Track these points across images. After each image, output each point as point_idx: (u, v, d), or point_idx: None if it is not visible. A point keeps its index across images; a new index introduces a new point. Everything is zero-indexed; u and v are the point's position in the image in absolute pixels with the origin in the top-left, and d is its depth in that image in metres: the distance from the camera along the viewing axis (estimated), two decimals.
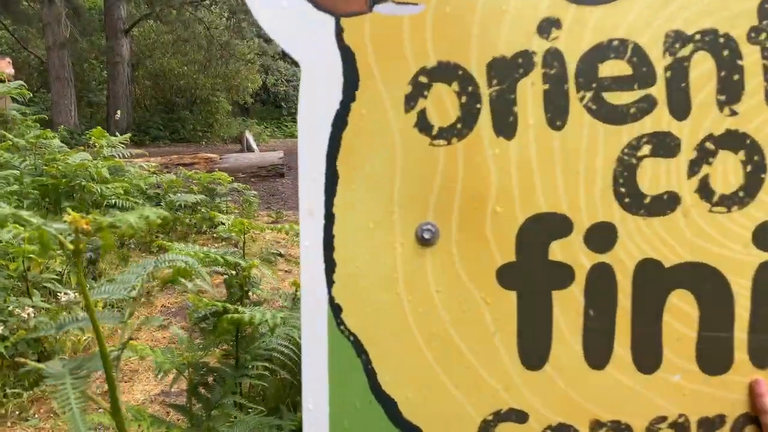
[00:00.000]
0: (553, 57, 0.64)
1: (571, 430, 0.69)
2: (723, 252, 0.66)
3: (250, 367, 1.95)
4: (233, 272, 2.01)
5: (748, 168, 0.65)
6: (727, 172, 0.65)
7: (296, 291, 2.43)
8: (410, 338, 0.68)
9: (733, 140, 0.64)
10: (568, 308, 0.67)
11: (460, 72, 0.65)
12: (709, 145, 0.65)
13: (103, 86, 19.67)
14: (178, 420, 2.24)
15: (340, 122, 0.67)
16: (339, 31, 0.65)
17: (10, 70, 11.52)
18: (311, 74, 0.67)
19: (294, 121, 25.48)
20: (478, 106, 0.65)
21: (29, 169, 4.05)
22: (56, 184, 3.72)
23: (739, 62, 0.63)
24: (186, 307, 3.69)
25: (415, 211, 0.67)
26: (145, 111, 18.65)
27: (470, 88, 0.65)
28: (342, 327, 0.68)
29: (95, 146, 4.88)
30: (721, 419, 0.68)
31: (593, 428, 0.69)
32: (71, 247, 0.78)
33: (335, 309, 0.68)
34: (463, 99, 0.65)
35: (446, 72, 0.65)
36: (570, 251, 0.66)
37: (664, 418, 0.68)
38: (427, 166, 0.67)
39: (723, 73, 0.64)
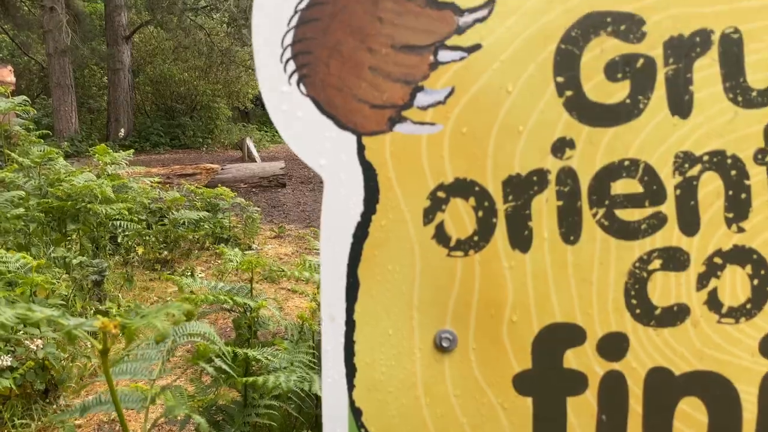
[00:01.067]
0: (567, 175, 0.67)
1: None
2: (731, 360, 0.68)
3: (257, 405, 1.97)
4: (242, 311, 2.04)
5: (755, 281, 0.67)
6: (735, 285, 0.67)
7: (302, 323, 2.45)
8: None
9: (741, 255, 0.67)
10: (581, 413, 0.69)
11: (477, 188, 0.68)
12: (718, 260, 0.67)
13: (103, 92, 19.70)
14: None
15: (361, 233, 0.69)
16: (360, 149, 0.68)
17: (12, 78, 11.53)
18: (333, 187, 0.69)
19: None
20: (494, 220, 0.68)
21: (34, 189, 4.07)
22: (62, 206, 3.75)
23: (746, 182, 0.66)
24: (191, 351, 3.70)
25: (434, 318, 0.70)
26: (145, 117, 18.68)
27: (486, 203, 0.68)
28: (363, 431, 0.71)
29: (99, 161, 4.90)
30: None
31: None
32: (100, 346, 0.80)
33: (356, 413, 0.71)
34: (480, 213, 0.68)
35: (463, 188, 0.68)
36: (583, 359, 0.69)
37: None
38: (445, 276, 0.69)
39: (731, 192, 0.66)
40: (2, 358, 2.41)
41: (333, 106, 0.67)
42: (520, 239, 0.68)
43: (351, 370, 0.70)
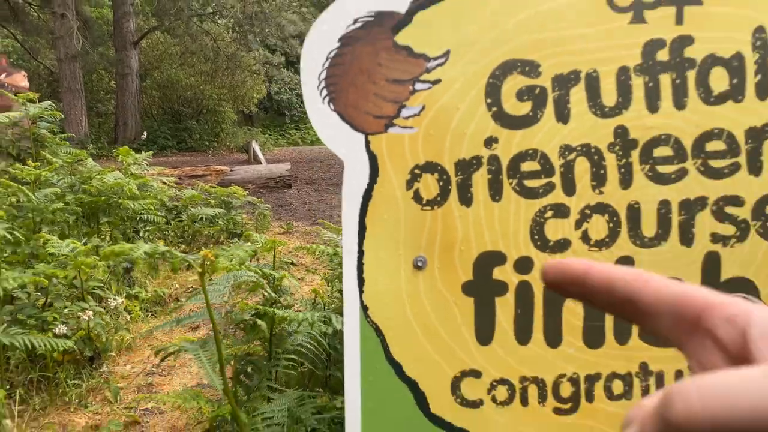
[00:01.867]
0: (494, 159, 1.09)
1: (507, 382, 1.13)
2: None
3: (280, 359, 2.39)
4: (267, 281, 2.46)
5: (610, 225, 1.09)
6: (598, 227, 1.09)
7: (314, 297, 2.88)
8: (409, 326, 1.13)
9: (601, 208, 1.09)
10: (504, 308, 1.12)
11: (439, 167, 1.10)
12: (587, 211, 1.09)
13: (110, 96, 20.16)
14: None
15: (367, 195, 1.12)
16: (367, 143, 1.10)
17: (25, 83, 11.96)
18: (350, 166, 1.11)
19: (297, 128, 25.97)
20: (449, 187, 1.10)
21: (67, 187, 4.50)
22: (94, 201, 4.17)
23: (603, 163, 1.08)
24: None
25: (412, 249, 1.12)
26: (152, 121, 19.10)
27: (445, 177, 1.10)
28: (368, 319, 1.13)
29: (120, 161, 5.33)
30: (597, 375, 1.12)
31: (521, 381, 1.13)
32: (200, 270, 1.22)
33: (364, 308, 1.13)
34: (441, 183, 1.10)
35: (431, 167, 1.10)
36: (505, 273, 1.11)
37: (564, 375, 1.12)
38: (419, 222, 1.11)
39: (594, 169, 1.08)
40: (59, 327, 2.83)
41: (350, 117, 1.09)
42: (466, 199, 1.10)
43: (361, 282, 1.13)
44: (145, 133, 15.75)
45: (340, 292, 2.76)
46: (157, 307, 4.06)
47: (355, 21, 1.07)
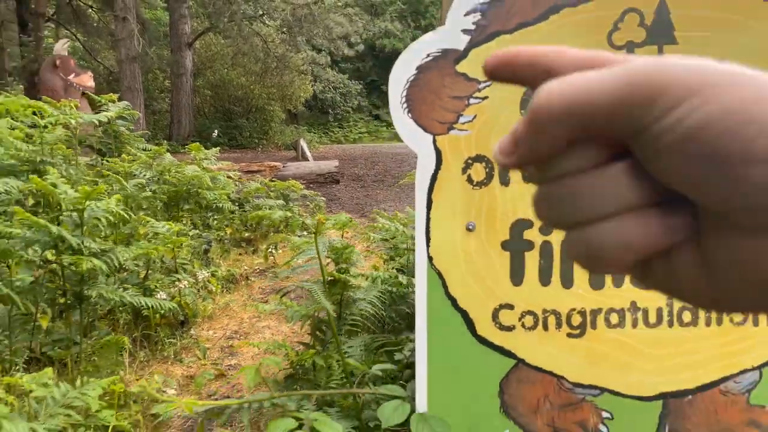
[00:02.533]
0: None
1: (533, 313, 1.57)
2: None
3: (347, 319, 2.87)
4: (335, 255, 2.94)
5: None
6: None
7: (374, 271, 3.35)
8: (462, 271, 1.58)
9: None
10: (531, 260, 1.56)
11: (486, 158, 1.55)
12: None
13: (164, 95, 21.14)
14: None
15: (433, 178, 1.57)
16: (434, 141, 1.56)
17: (92, 83, 12.82)
18: (422, 158, 1.57)
19: (340, 127, 26.61)
20: (493, 173, 1.55)
21: (150, 178, 5.10)
22: (177, 191, 4.75)
23: None
24: (276, 289, 4.65)
25: (465, 216, 1.57)
26: (204, 119, 19.97)
27: (490, 165, 1.55)
28: (433, 266, 1.59)
29: (191, 156, 5.93)
30: (599, 310, 1.55)
31: (543, 313, 1.57)
32: (314, 230, 1.70)
33: (430, 258, 1.59)
34: (486, 169, 1.55)
35: (479, 158, 1.55)
36: (532, 235, 1.55)
37: (574, 309, 1.56)
38: (471, 198, 1.56)
39: None
40: (159, 293, 3.39)
41: (422, 123, 1.56)
42: (505, 181, 1.55)
43: (428, 240, 1.59)
44: (216, 131, 16.53)
45: (395, 269, 3.23)
46: (230, 284, 4.62)
47: (428, 55, 1.54)
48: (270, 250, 5.19)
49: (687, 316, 1.53)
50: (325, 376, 2.39)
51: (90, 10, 22.66)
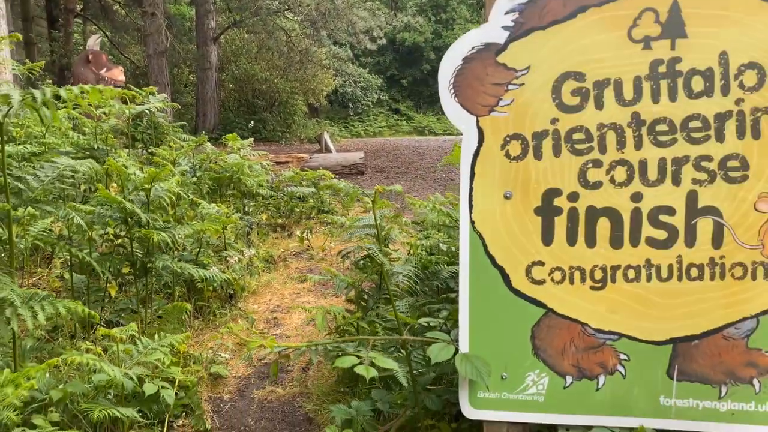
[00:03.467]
0: (555, 131, 1.80)
1: (561, 269, 1.84)
2: (614, 200, 1.79)
3: (386, 290, 3.15)
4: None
5: (628, 172, 1.78)
6: (621, 173, 1.78)
7: (409, 251, 3.63)
8: (500, 233, 1.85)
9: (622, 162, 1.78)
10: (560, 223, 1.83)
11: (522, 136, 1.82)
12: (613, 164, 1.79)
13: (190, 88, 21.58)
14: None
15: (476, 154, 1.85)
16: (477, 122, 1.83)
17: (122, 77, 13.23)
18: (467, 136, 1.85)
19: (360, 120, 26.88)
20: (528, 148, 1.82)
21: (192, 166, 5.43)
22: (220, 177, 5.08)
23: (624, 134, 1.77)
24: (312, 270, 4.96)
25: (503, 186, 1.84)
26: (228, 112, 20.37)
27: (525, 142, 1.82)
28: (475, 229, 1.86)
29: (227, 146, 6.25)
30: (618, 266, 1.81)
31: (569, 269, 1.83)
32: (370, 206, 1.98)
33: (472, 222, 1.86)
34: (522, 146, 1.82)
35: (516, 136, 1.82)
36: (561, 202, 1.82)
37: (596, 265, 1.82)
38: (508, 170, 1.83)
39: (618, 138, 1.78)
40: (212, 268, 3.70)
41: (468, 105, 1.83)
42: (538, 155, 1.82)
43: (471, 206, 1.86)
44: (252, 122, 16.93)
45: (425, 250, 3.50)
46: (269, 264, 4.94)
47: (473, 48, 1.81)
48: (305, 234, 5.49)
49: (694, 272, 1.79)
50: (371, 334, 2.68)
51: (117, 6, 23.14)
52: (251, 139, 6.64)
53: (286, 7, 18.26)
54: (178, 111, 20.78)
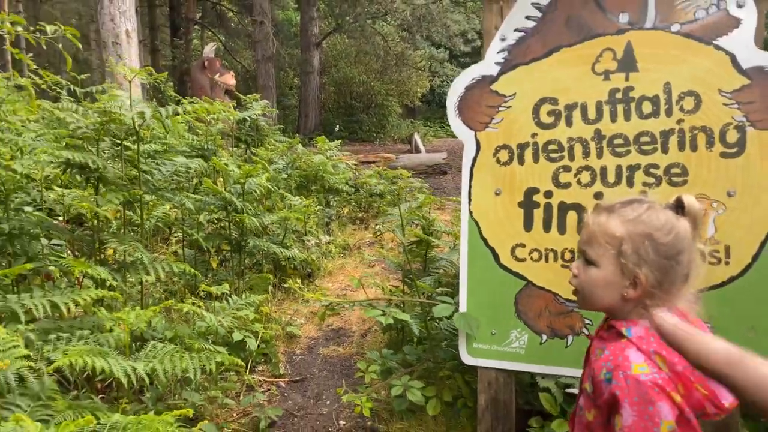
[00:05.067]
0: (535, 143, 2.33)
1: (538, 250, 2.36)
2: (580, 197, 2.29)
3: (431, 272, 3.74)
4: (424, 221, 3.83)
5: (591, 176, 2.28)
6: (586, 176, 2.28)
7: (455, 241, 4.18)
8: (491, 221, 2.41)
9: (587, 168, 2.28)
10: (538, 214, 2.35)
11: (509, 146, 2.36)
12: (580, 169, 2.29)
13: (294, 91, 23.01)
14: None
15: (474, 159, 2.41)
16: (475, 135, 2.40)
17: (233, 81, 14.54)
18: (467, 146, 2.42)
19: None
20: (513, 156, 2.36)
21: (285, 164, 6.27)
22: (307, 174, 5.88)
23: (588, 146, 2.27)
24: (380, 259, 5.63)
25: (495, 185, 2.39)
26: (328, 113, 21.56)
27: (511, 151, 2.36)
28: (472, 217, 2.43)
29: (316, 147, 7.06)
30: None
31: (545, 251, 2.35)
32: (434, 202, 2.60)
33: (470, 212, 2.43)
34: (509, 154, 2.36)
35: (505, 147, 2.37)
36: (539, 198, 2.34)
37: (566, 248, 2.33)
38: (498, 173, 2.38)
39: (583, 149, 2.28)
40: (294, 250, 4.46)
41: (468, 122, 2.40)
42: (521, 162, 2.35)
43: (469, 200, 2.43)
44: (338, 126, 18.03)
45: None
46: (345, 251, 5.66)
47: (472, 79, 2.38)
48: (378, 226, 6.19)
49: None
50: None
51: (231, 14, 25.05)
52: (339, 141, 7.42)
53: (384, 12, 19.11)
54: (282, 112, 22.27)
